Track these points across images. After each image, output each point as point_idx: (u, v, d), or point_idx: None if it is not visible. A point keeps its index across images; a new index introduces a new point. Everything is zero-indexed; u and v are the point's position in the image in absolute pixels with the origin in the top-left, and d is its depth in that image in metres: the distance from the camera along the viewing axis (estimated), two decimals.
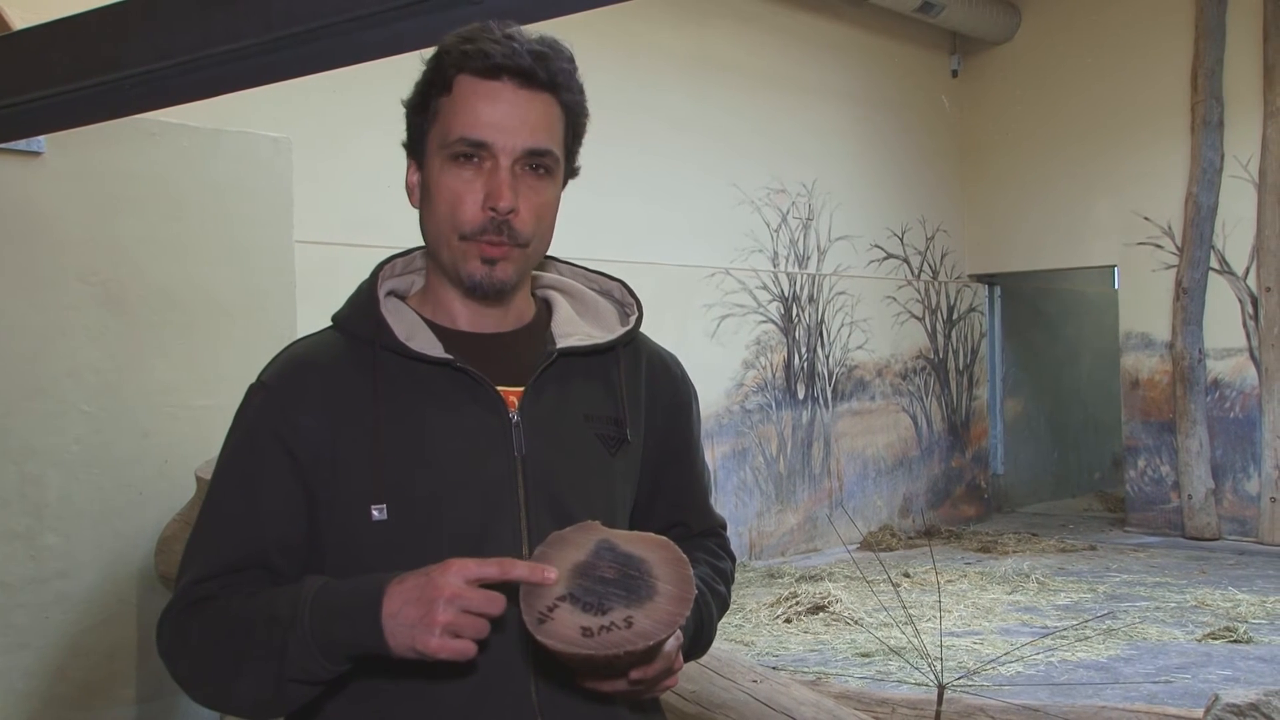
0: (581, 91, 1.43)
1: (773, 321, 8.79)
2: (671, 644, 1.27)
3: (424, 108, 1.40)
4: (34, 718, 3.07)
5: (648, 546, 1.28)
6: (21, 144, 3.00)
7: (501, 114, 1.36)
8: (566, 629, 1.21)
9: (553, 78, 1.38)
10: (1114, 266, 10.07)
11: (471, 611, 1.22)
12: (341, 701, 1.36)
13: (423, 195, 1.43)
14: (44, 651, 3.09)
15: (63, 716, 3.12)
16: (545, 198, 1.40)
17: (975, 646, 5.72)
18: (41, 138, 3.02)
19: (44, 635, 3.08)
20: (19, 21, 2.77)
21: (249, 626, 1.31)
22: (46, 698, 3.09)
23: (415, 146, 1.43)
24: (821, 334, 9.17)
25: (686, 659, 1.39)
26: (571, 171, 1.46)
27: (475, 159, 1.37)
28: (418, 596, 1.23)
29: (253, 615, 1.31)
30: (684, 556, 1.28)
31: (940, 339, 10.31)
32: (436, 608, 1.21)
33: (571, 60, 1.41)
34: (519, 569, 1.23)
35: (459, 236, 1.38)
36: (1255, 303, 8.94)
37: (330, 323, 1.48)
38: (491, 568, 1.23)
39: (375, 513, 1.35)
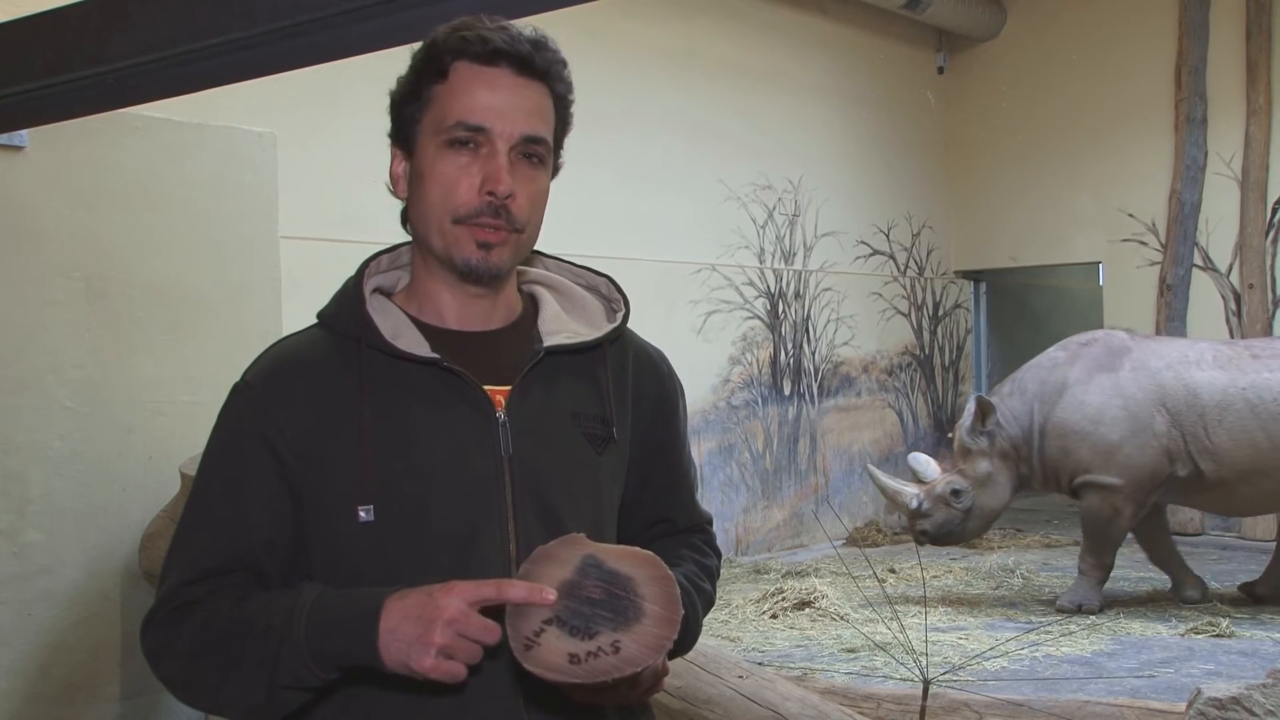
0: (571, 87, 1.44)
1: (759, 318, 8.80)
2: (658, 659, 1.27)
3: (416, 96, 1.40)
4: (17, 715, 3.05)
5: (634, 563, 1.27)
6: (4, 138, 2.98)
7: (500, 100, 1.36)
8: (553, 655, 1.20)
9: (547, 67, 1.40)
10: (1099, 263, 10.11)
11: (468, 637, 1.22)
12: (331, 705, 1.36)
13: (412, 183, 1.42)
14: (27, 649, 3.07)
15: (46, 714, 3.10)
16: (539, 186, 1.41)
17: (960, 642, 5.74)
18: (24, 132, 3.00)
19: (27, 632, 3.07)
20: (1, 14, 2.74)
21: (242, 632, 1.31)
22: (29, 695, 3.07)
23: (403, 135, 1.43)
24: (808, 330, 9.18)
25: (673, 656, 1.39)
26: (555, 168, 1.47)
27: (471, 144, 1.37)
28: (417, 615, 1.23)
29: (246, 621, 1.31)
30: (670, 574, 1.27)
31: (926, 335, 10.33)
32: (435, 629, 1.22)
33: (562, 55, 1.42)
34: (516, 590, 1.23)
35: (452, 220, 1.38)
36: (1238, 299, 8.99)
37: (316, 320, 1.47)
38: (489, 589, 1.24)
39: (362, 514, 1.35)
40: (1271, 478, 6.10)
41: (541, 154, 1.40)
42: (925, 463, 6.53)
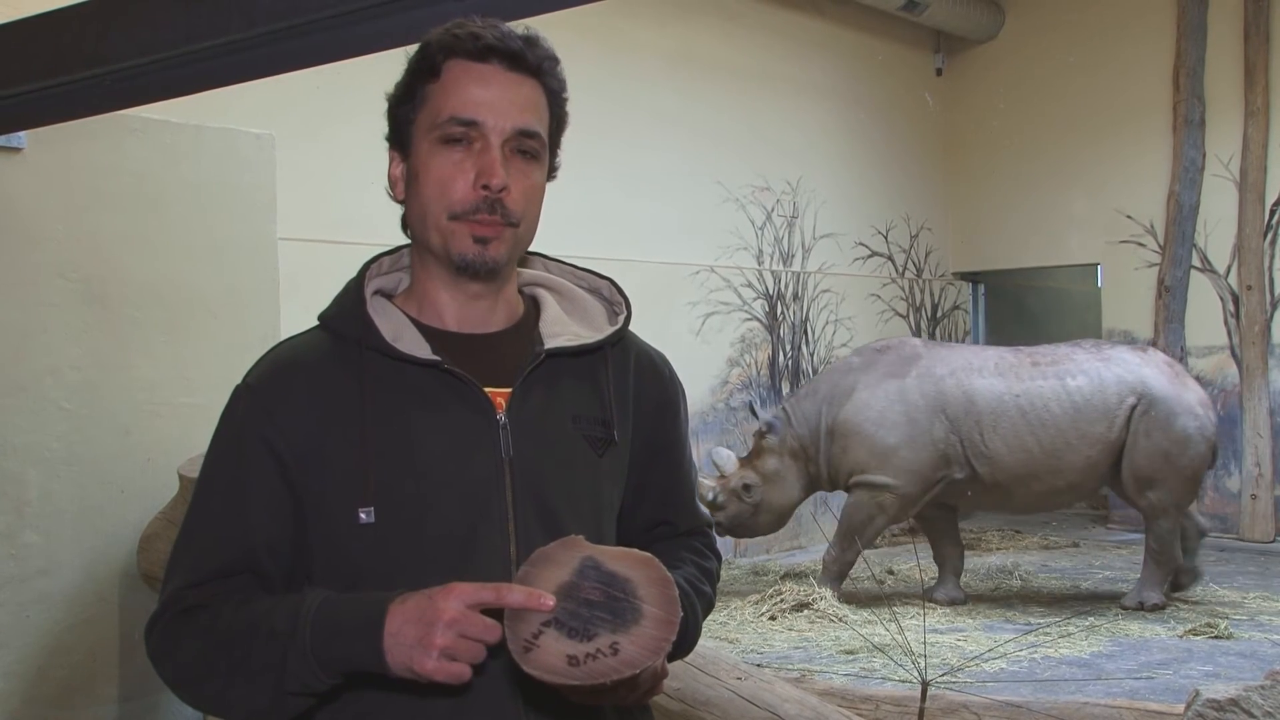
0: (564, 84, 1.44)
1: (757, 319, 8.80)
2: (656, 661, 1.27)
3: (410, 96, 1.41)
4: (15, 717, 3.05)
5: (632, 564, 1.27)
6: (2, 139, 2.98)
7: (492, 94, 1.37)
8: (552, 657, 1.20)
9: (539, 63, 1.40)
10: (1097, 264, 10.11)
11: (469, 637, 1.22)
12: (331, 708, 1.36)
13: (409, 183, 1.43)
14: (25, 650, 3.07)
15: (44, 715, 3.10)
16: (534, 180, 1.41)
17: (959, 643, 5.74)
18: (22, 133, 3.00)
19: (25, 634, 3.06)
20: (1, 15, 2.74)
21: (246, 638, 1.31)
22: (27, 697, 3.07)
23: (399, 137, 1.43)
24: (806, 332, 9.18)
25: (671, 659, 1.39)
26: (552, 169, 1.47)
27: (465, 140, 1.37)
28: (417, 618, 1.23)
29: (250, 627, 1.31)
30: (668, 576, 1.27)
31: (924, 337, 10.33)
32: (435, 631, 1.22)
33: (554, 52, 1.43)
34: (515, 595, 1.23)
35: (449, 216, 1.38)
36: (1236, 301, 8.99)
37: (317, 322, 1.47)
38: (488, 593, 1.24)
39: (363, 515, 1.35)
40: (1043, 481, 6.43)
41: (535, 149, 1.40)
42: (726, 458, 6.84)
